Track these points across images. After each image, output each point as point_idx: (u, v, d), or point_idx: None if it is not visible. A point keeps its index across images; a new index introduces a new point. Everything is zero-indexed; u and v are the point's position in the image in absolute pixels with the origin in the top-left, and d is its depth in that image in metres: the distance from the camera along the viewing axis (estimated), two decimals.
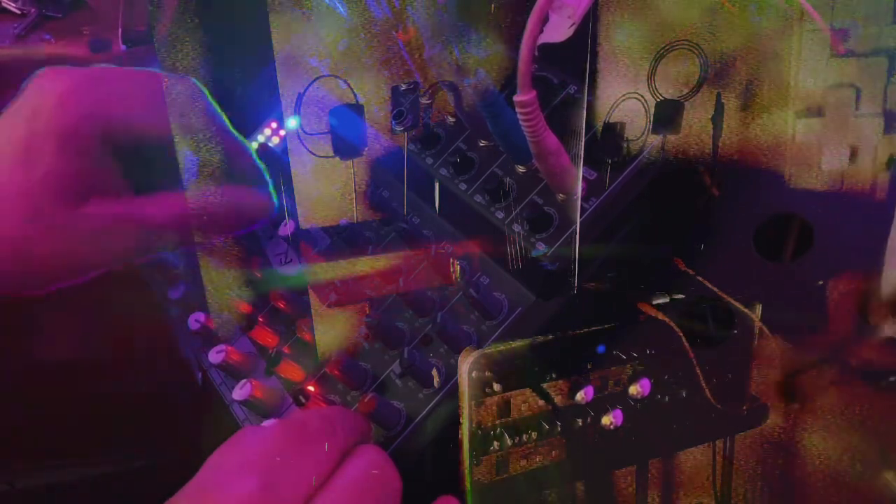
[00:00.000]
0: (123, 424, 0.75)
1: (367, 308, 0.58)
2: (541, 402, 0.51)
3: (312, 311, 0.59)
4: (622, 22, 0.52)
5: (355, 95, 0.56)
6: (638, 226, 0.53)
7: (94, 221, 0.55)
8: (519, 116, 0.47)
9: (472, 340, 0.53)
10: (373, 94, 0.60)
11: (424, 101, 0.58)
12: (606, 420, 0.53)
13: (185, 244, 0.60)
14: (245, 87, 0.78)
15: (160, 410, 0.62)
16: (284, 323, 0.65)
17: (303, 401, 0.57)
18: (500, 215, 0.55)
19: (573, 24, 0.52)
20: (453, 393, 0.51)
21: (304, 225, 0.63)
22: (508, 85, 0.59)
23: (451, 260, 0.56)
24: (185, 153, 0.60)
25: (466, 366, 0.48)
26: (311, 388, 0.57)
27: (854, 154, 0.54)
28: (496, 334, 0.52)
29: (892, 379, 0.59)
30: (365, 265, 0.58)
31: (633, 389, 0.54)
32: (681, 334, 0.53)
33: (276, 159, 0.72)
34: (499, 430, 0.50)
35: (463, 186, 0.58)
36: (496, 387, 0.49)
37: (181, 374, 0.69)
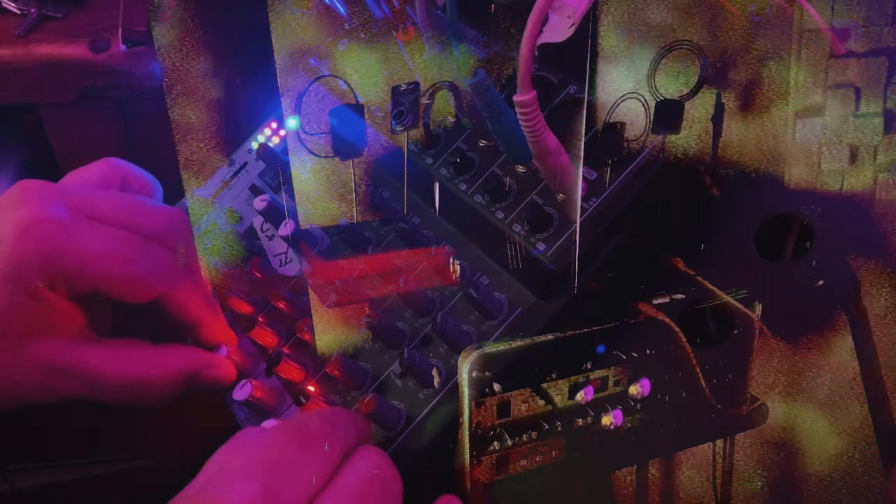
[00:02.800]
0: (123, 424, 0.75)
1: (367, 308, 0.58)
2: (541, 402, 0.51)
3: (312, 311, 0.59)
4: (622, 22, 0.52)
5: (355, 95, 0.56)
6: (638, 226, 0.53)
7: (34, 363, 0.53)
8: (519, 116, 0.47)
9: (472, 340, 0.53)
10: (373, 94, 0.60)
11: (424, 101, 0.58)
12: (606, 420, 0.53)
13: (143, 405, 0.58)
14: (245, 87, 0.78)
15: (160, 410, 0.62)
16: (284, 323, 0.65)
17: (303, 401, 0.56)
18: (500, 215, 0.55)
19: (573, 24, 0.52)
20: (453, 393, 0.51)
21: (304, 225, 0.63)
22: (508, 85, 0.59)
23: (451, 260, 0.56)
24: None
25: (466, 366, 0.48)
26: (311, 388, 0.57)
27: (854, 154, 0.54)
28: (496, 334, 0.52)
29: None
30: (365, 265, 0.58)
31: (633, 389, 0.54)
32: (681, 334, 0.53)
33: (277, 159, 0.72)
34: (499, 430, 0.50)
35: (463, 186, 0.58)
36: (496, 387, 0.49)
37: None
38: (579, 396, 0.52)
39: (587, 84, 0.52)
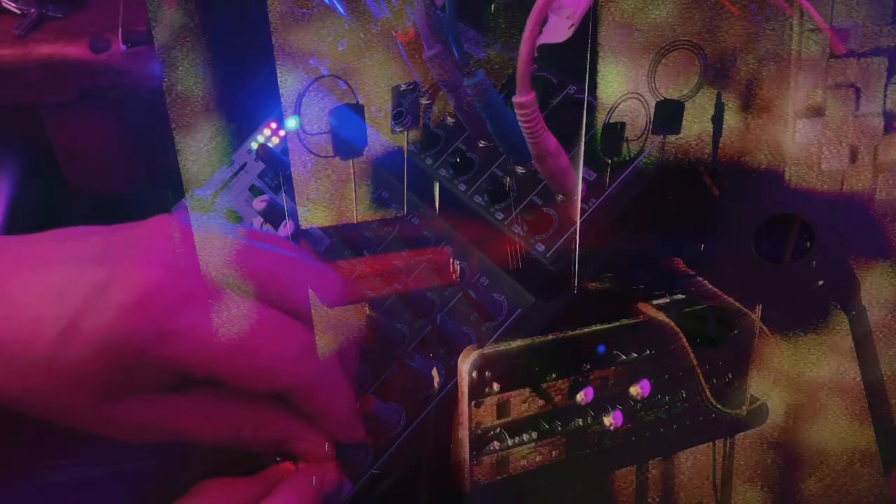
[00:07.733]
0: None
1: (367, 308, 0.58)
2: (541, 402, 0.51)
3: (312, 311, 0.59)
4: (622, 22, 0.52)
5: (355, 95, 0.56)
6: (638, 226, 0.53)
7: (121, 419, 0.48)
8: (518, 117, 0.47)
9: (471, 341, 0.53)
10: (373, 94, 0.60)
11: (424, 101, 0.58)
12: (606, 420, 0.53)
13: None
14: (245, 87, 0.78)
15: None
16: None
17: None
18: (500, 216, 0.55)
19: (572, 25, 0.52)
20: (453, 393, 0.51)
21: (304, 225, 0.63)
22: (508, 85, 0.59)
23: (451, 260, 0.56)
24: None
25: (466, 366, 0.48)
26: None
27: (854, 154, 0.54)
28: (496, 335, 0.52)
29: None
30: (365, 265, 0.58)
31: (633, 389, 0.54)
32: (681, 334, 0.53)
33: (276, 159, 0.72)
34: (499, 430, 0.50)
35: (463, 187, 0.58)
36: (496, 387, 0.49)
37: None
38: (579, 397, 0.52)
39: (587, 84, 0.52)
